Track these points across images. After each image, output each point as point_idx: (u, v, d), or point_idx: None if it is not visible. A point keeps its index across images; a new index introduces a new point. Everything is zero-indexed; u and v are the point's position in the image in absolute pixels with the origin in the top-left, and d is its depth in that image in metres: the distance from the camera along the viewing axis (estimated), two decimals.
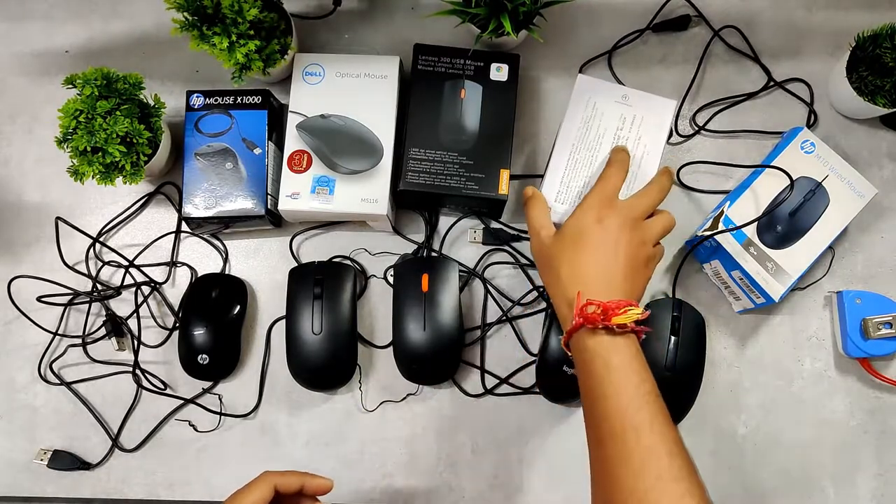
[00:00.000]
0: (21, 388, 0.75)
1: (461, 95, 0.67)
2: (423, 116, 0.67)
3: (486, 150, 0.67)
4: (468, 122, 0.67)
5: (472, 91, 0.68)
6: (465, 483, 0.72)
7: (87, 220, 0.77)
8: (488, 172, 0.67)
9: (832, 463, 0.71)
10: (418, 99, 0.68)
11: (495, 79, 0.68)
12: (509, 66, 0.68)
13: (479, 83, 0.68)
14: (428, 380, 0.73)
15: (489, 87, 0.68)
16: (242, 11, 0.67)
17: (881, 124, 0.76)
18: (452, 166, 0.67)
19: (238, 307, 0.74)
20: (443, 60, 0.68)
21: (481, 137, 0.67)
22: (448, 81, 0.68)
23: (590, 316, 0.56)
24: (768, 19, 0.79)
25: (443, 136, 0.67)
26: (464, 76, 0.68)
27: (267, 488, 0.54)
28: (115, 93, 0.69)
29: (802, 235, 0.69)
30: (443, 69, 0.68)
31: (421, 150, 0.67)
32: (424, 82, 0.68)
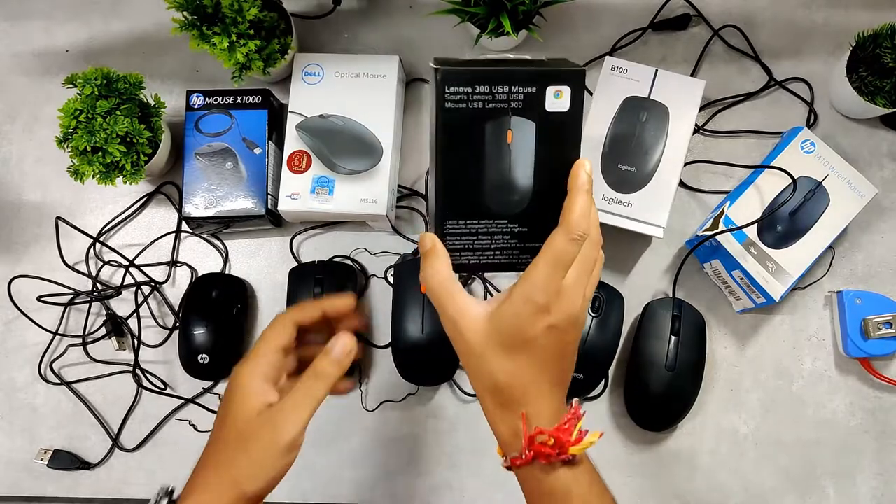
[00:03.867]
0: (21, 387, 0.75)
1: (507, 140, 0.47)
2: (459, 176, 0.48)
3: (544, 210, 0.48)
4: (519, 175, 0.48)
5: (521, 131, 0.47)
6: (465, 483, 0.72)
7: (88, 220, 0.77)
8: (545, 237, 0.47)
9: (832, 462, 0.71)
10: (451, 152, 0.47)
11: (553, 109, 0.47)
12: (572, 89, 0.47)
13: (529, 118, 0.47)
14: (427, 380, 0.73)
15: (545, 122, 0.47)
16: (242, 11, 0.67)
17: (881, 124, 0.76)
18: (502, 238, 0.49)
19: (238, 307, 0.74)
20: (479, 92, 0.46)
21: (537, 194, 0.48)
22: (489, 123, 0.47)
23: (542, 450, 0.44)
24: (768, 19, 0.79)
25: (487, 199, 0.48)
26: (509, 111, 0.46)
27: (286, 329, 0.49)
28: (116, 92, 0.69)
29: (803, 235, 0.69)
30: (480, 104, 0.46)
31: (460, 222, 0.48)
32: (456, 125, 0.46)
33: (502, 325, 0.44)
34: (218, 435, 0.47)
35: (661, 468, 0.71)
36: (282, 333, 0.49)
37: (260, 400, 0.46)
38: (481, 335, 0.44)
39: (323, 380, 0.47)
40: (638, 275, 0.75)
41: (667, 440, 0.72)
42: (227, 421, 0.46)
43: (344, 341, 0.48)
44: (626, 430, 0.72)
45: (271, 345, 0.48)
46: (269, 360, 0.48)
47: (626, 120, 0.69)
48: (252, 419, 0.45)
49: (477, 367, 0.45)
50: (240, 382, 0.47)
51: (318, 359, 0.47)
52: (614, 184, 0.68)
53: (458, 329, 0.45)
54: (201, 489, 0.45)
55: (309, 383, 0.47)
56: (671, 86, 0.69)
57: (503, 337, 0.44)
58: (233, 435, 0.45)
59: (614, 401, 0.73)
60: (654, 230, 0.67)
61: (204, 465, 0.46)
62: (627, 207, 0.67)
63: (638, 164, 0.68)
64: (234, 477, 0.44)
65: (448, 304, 0.45)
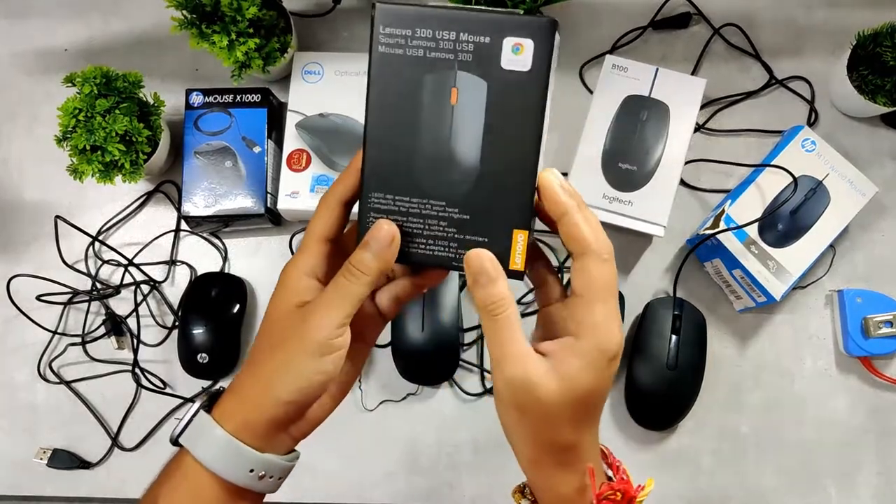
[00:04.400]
0: (21, 387, 0.75)
1: (451, 100, 0.38)
2: (388, 140, 0.39)
3: (492, 196, 0.39)
4: (462, 147, 0.38)
5: (468, 92, 0.38)
6: (466, 483, 0.72)
7: (87, 219, 0.77)
8: (493, 234, 0.39)
9: (833, 462, 0.71)
10: (380, 108, 0.38)
11: (510, 67, 0.37)
12: (535, 43, 0.37)
13: (481, 76, 0.37)
14: (427, 380, 0.73)
15: (499, 82, 0.37)
16: (242, 9, 0.67)
17: (882, 123, 0.76)
18: (437, 224, 0.39)
19: (238, 306, 0.74)
20: (420, 36, 0.37)
21: (485, 174, 0.38)
22: (429, 75, 0.37)
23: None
24: (769, 17, 0.79)
25: (421, 173, 0.39)
26: (456, 63, 0.37)
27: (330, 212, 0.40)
28: (115, 91, 0.68)
29: (803, 234, 0.69)
30: (420, 51, 0.37)
31: (388, 196, 0.39)
32: (390, 75, 0.38)
33: (579, 385, 0.37)
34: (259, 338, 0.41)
35: (662, 468, 0.71)
36: (325, 219, 0.40)
37: (298, 297, 0.40)
38: (555, 395, 0.37)
39: (358, 274, 0.39)
40: (638, 274, 0.75)
41: (667, 439, 0.72)
42: (265, 321, 0.41)
43: (382, 227, 0.38)
44: (626, 429, 0.72)
45: (314, 234, 0.40)
46: (314, 252, 0.40)
47: (627, 118, 0.69)
48: (283, 318, 0.40)
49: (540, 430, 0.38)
50: (281, 280, 0.41)
51: (357, 250, 0.39)
52: (615, 182, 0.68)
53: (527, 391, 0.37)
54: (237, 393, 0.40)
55: (342, 279, 0.39)
56: (672, 84, 0.69)
57: (579, 395, 0.37)
58: (265, 335, 0.40)
59: (615, 400, 0.73)
60: (655, 229, 0.67)
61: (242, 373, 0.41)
62: (628, 206, 0.67)
63: (638, 162, 0.68)
64: (266, 380, 0.39)
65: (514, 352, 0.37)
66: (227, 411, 0.39)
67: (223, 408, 0.39)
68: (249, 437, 0.38)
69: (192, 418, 0.39)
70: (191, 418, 0.39)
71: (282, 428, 0.40)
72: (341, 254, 0.40)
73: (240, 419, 0.39)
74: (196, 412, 0.39)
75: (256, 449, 0.38)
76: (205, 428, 0.39)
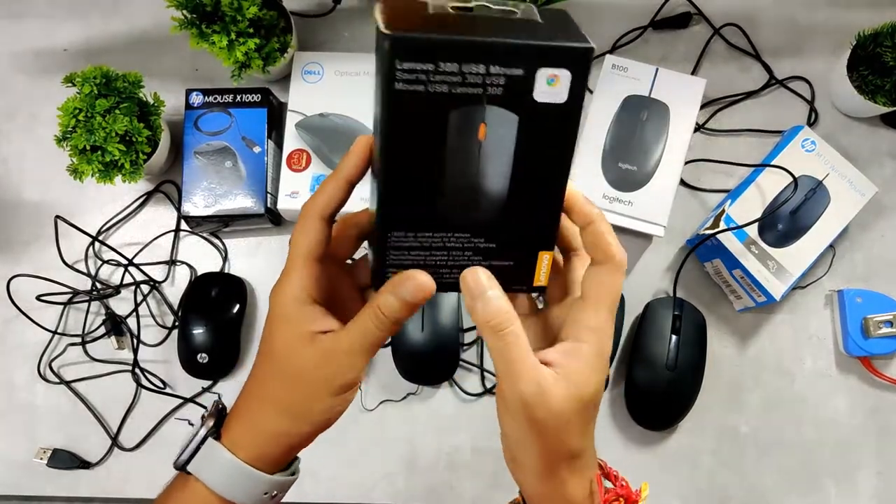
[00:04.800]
0: (21, 387, 0.75)
1: (479, 136, 0.35)
2: (409, 177, 0.35)
3: (517, 223, 0.37)
4: (489, 181, 0.36)
5: (498, 126, 0.34)
6: (465, 483, 0.72)
7: (87, 219, 0.77)
8: (519, 257, 0.38)
9: (833, 462, 0.71)
10: (399, 148, 0.34)
11: (544, 100, 0.34)
12: (573, 74, 0.33)
13: (512, 110, 0.34)
14: (427, 380, 0.73)
15: (531, 114, 0.34)
16: (242, 9, 0.67)
17: (882, 123, 0.76)
18: (462, 255, 0.38)
19: (237, 306, 0.74)
20: (444, 71, 0.32)
21: (512, 204, 0.36)
22: (455, 112, 0.33)
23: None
24: (769, 17, 0.79)
25: (446, 208, 0.36)
26: (485, 98, 0.33)
27: (313, 228, 0.38)
28: (115, 91, 0.68)
29: (803, 234, 0.69)
30: (445, 87, 0.32)
31: (409, 234, 0.37)
32: (410, 114, 0.33)
33: (586, 390, 0.37)
34: (258, 368, 0.40)
35: (662, 468, 0.71)
36: (311, 236, 0.38)
37: (305, 327, 0.38)
38: (566, 404, 0.36)
39: (386, 319, 0.37)
40: (638, 274, 0.75)
41: (667, 439, 0.72)
42: (270, 349, 0.39)
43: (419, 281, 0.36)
44: (626, 429, 0.72)
45: (302, 253, 0.38)
46: (305, 274, 0.38)
47: (627, 118, 0.69)
48: (299, 355, 0.38)
49: (553, 441, 0.37)
50: (277, 311, 0.39)
51: (384, 292, 0.37)
52: (615, 182, 0.68)
53: (541, 404, 0.36)
54: (248, 421, 0.40)
55: (370, 324, 0.37)
56: (672, 84, 0.69)
57: (586, 400, 0.37)
58: (276, 365, 0.39)
59: (615, 400, 0.73)
60: (654, 229, 0.67)
61: (245, 400, 0.40)
62: (628, 206, 0.67)
63: (638, 162, 0.68)
64: (285, 414, 0.39)
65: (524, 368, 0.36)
66: (239, 440, 0.39)
67: (233, 436, 0.39)
68: (265, 465, 0.39)
69: (200, 446, 0.39)
70: (198, 446, 0.39)
71: (295, 452, 0.41)
72: (328, 268, 0.39)
73: (255, 450, 0.39)
74: (203, 440, 0.39)
75: (269, 473, 0.39)
76: (217, 457, 0.39)
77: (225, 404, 0.42)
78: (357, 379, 0.39)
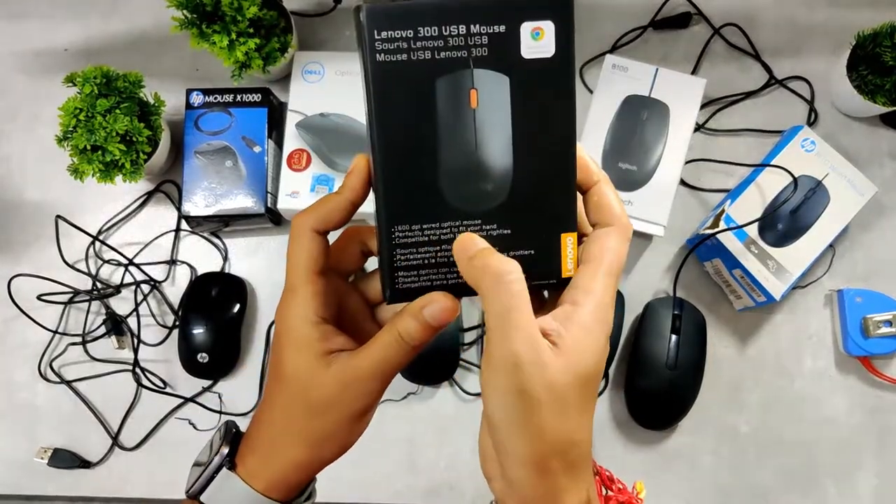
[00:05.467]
0: (21, 386, 0.75)
1: (471, 103, 0.33)
2: (404, 162, 0.33)
3: (532, 203, 0.34)
4: (490, 154, 0.33)
5: (489, 90, 0.33)
6: (465, 483, 0.72)
7: (87, 219, 0.77)
8: (540, 243, 0.35)
9: (833, 461, 0.71)
10: (389, 127, 0.32)
11: (532, 55, 0.33)
12: (556, 23, 0.33)
13: (500, 70, 0.32)
14: (427, 380, 0.73)
15: (521, 73, 0.33)
16: (242, 9, 0.67)
17: (881, 123, 0.76)
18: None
19: (238, 306, 0.74)
20: (425, 35, 0.31)
21: (520, 180, 0.34)
22: (442, 79, 0.32)
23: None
24: (769, 17, 0.79)
25: (449, 193, 0.33)
26: (471, 61, 0.32)
27: (310, 241, 0.36)
28: (115, 91, 0.69)
29: (803, 234, 0.69)
30: (427, 53, 0.32)
31: (414, 227, 0.34)
32: (394, 88, 0.32)
33: (583, 359, 0.32)
34: (279, 394, 0.38)
35: (662, 467, 0.71)
36: (310, 251, 0.36)
37: (319, 349, 0.36)
38: (562, 373, 0.31)
39: (405, 343, 0.36)
40: (638, 273, 0.75)
41: (667, 439, 0.72)
42: (289, 379, 0.37)
43: (442, 304, 0.34)
44: (626, 429, 0.72)
45: (302, 270, 0.36)
46: (311, 293, 0.36)
47: (627, 118, 0.69)
48: (319, 380, 0.36)
49: (546, 418, 0.32)
50: (287, 333, 0.37)
51: (404, 315, 0.35)
52: (615, 182, 0.66)
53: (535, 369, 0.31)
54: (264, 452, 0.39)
55: (387, 345, 0.36)
56: (672, 84, 0.69)
57: (582, 372, 0.32)
58: (291, 393, 0.37)
59: (615, 400, 0.73)
60: (655, 228, 0.67)
61: (266, 427, 0.39)
62: (628, 206, 0.67)
63: (639, 162, 0.68)
64: (306, 444, 0.38)
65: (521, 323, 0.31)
66: (256, 470, 0.38)
67: (249, 466, 0.38)
68: (281, 493, 0.38)
69: (214, 475, 0.38)
70: (212, 475, 0.38)
71: (312, 476, 0.40)
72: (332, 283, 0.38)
73: (272, 479, 0.38)
74: (218, 468, 0.38)
75: (285, 500, 0.39)
76: (233, 487, 0.38)
77: (239, 427, 0.41)
78: (376, 403, 0.38)
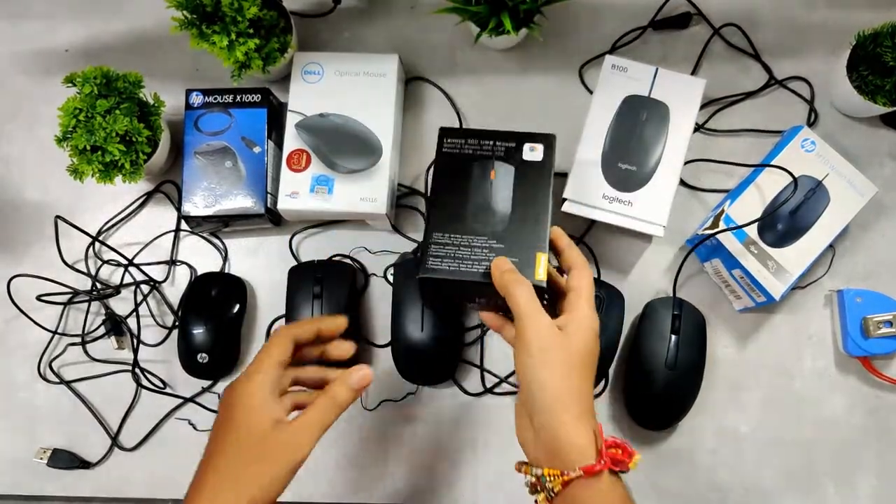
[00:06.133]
0: (21, 386, 0.75)
1: (491, 177, 0.61)
2: (448, 201, 0.60)
3: (520, 233, 0.59)
4: (499, 204, 0.59)
5: (502, 172, 0.61)
6: (465, 483, 0.72)
7: (87, 219, 0.77)
8: (522, 257, 0.58)
9: (833, 462, 0.71)
10: (444, 182, 0.61)
11: (528, 159, 0.61)
12: (544, 146, 0.61)
13: (510, 164, 0.61)
14: (427, 379, 0.73)
15: (522, 167, 0.61)
16: (242, 10, 0.67)
17: (881, 123, 0.76)
18: (481, 251, 0.58)
19: (237, 306, 0.74)
20: (470, 142, 0.62)
21: (514, 220, 0.59)
22: (476, 163, 0.61)
23: (616, 458, 0.48)
24: (769, 17, 0.79)
25: (471, 220, 0.59)
26: (493, 157, 0.61)
27: (286, 343, 0.53)
28: (115, 91, 0.69)
29: (803, 234, 0.69)
30: (470, 151, 0.61)
31: (445, 234, 0.59)
32: (450, 165, 0.61)
33: (582, 339, 0.51)
34: (226, 447, 0.50)
35: (661, 467, 0.71)
36: (283, 349, 0.52)
37: (271, 415, 0.50)
38: (567, 349, 0.50)
39: (337, 405, 0.51)
40: (638, 274, 0.75)
41: (667, 439, 0.72)
42: (240, 434, 0.49)
43: (364, 372, 0.53)
44: (626, 429, 0.72)
45: (273, 360, 0.52)
46: (273, 376, 0.51)
47: (627, 119, 0.69)
48: (267, 436, 0.49)
49: (563, 379, 0.49)
50: (250, 399, 0.50)
51: (337, 384, 0.52)
52: (615, 183, 0.68)
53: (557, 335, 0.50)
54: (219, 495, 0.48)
55: (324, 406, 0.51)
56: (671, 84, 0.69)
57: (581, 348, 0.51)
58: (246, 450, 0.49)
59: (614, 400, 0.73)
60: (654, 229, 0.67)
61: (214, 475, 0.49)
62: (628, 206, 0.67)
63: (638, 162, 0.68)
64: (250, 492, 0.48)
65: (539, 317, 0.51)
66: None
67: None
68: None
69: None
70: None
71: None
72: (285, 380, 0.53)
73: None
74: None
75: None
76: None
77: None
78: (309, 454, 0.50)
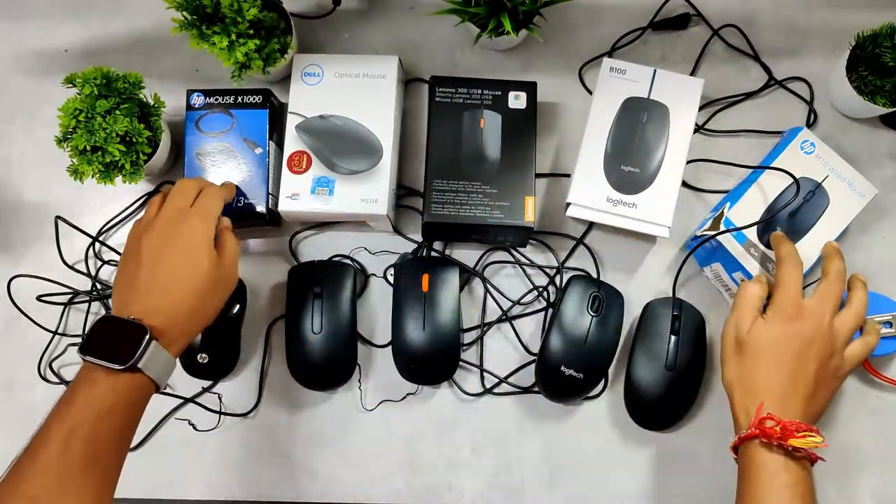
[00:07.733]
0: (21, 387, 0.75)
1: (481, 125, 0.66)
2: (443, 147, 0.66)
3: (510, 179, 0.66)
4: (489, 151, 0.65)
5: (491, 120, 0.66)
6: (465, 483, 0.72)
7: (87, 220, 0.77)
8: (513, 201, 0.66)
9: (832, 462, 0.71)
10: (438, 130, 0.67)
11: (514, 107, 0.66)
12: (527, 94, 0.67)
13: (497, 112, 0.67)
14: (427, 379, 0.73)
15: (508, 115, 0.67)
16: (242, 10, 0.67)
17: (881, 124, 0.76)
18: (476, 196, 0.66)
19: (238, 306, 0.74)
20: (460, 91, 0.67)
21: (503, 166, 0.66)
22: (467, 112, 0.67)
23: (767, 430, 0.56)
24: (768, 18, 0.79)
25: (465, 167, 0.66)
26: (482, 106, 0.67)
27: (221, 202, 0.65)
28: (115, 92, 0.69)
29: (803, 236, 0.69)
30: (461, 100, 0.67)
31: (444, 181, 0.66)
32: (443, 113, 0.67)
33: (762, 332, 0.60)
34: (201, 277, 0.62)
35: (661, 468, 0.71)
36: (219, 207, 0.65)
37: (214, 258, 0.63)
38: (754, 336, 0.60)
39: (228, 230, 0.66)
40: (638, 274, 0.75)
41: (667, 439, 0.72)
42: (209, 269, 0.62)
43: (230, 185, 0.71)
44: (625, 429, 0.72)
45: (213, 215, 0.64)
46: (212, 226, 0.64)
47: (627, 121, 0.69)
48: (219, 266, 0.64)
49: (743, 353, 0.61)
50: (206, 240, 0.63)
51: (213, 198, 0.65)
52: (618, 185, 0.68)
53: (747, 322, 0.61)
54: (178, 326, 0.59)
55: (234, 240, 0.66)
56: (670, 85, 0.69)
57: (762, 337, 0.60)
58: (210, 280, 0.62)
59: (614, 400, 0.73)
60: (659, 230, 0.67)
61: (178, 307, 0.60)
62: (632, 209, 0.67)
63: (641, 164, 0.68)
64: (208, 316, 0.63)
65: (749, 313, 0.62)
66: (171, 340, 0.57)
67: (169, 337, 0.57)
68: (177, 353, 0.58)
69: (147, 347, 0.54)
70: (144, 347, 0.54)
71: None
72: None
73: (181, 347, 0.59)
74: (148, 342, 0.55)
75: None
76: (160, 357, 0.56)
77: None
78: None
